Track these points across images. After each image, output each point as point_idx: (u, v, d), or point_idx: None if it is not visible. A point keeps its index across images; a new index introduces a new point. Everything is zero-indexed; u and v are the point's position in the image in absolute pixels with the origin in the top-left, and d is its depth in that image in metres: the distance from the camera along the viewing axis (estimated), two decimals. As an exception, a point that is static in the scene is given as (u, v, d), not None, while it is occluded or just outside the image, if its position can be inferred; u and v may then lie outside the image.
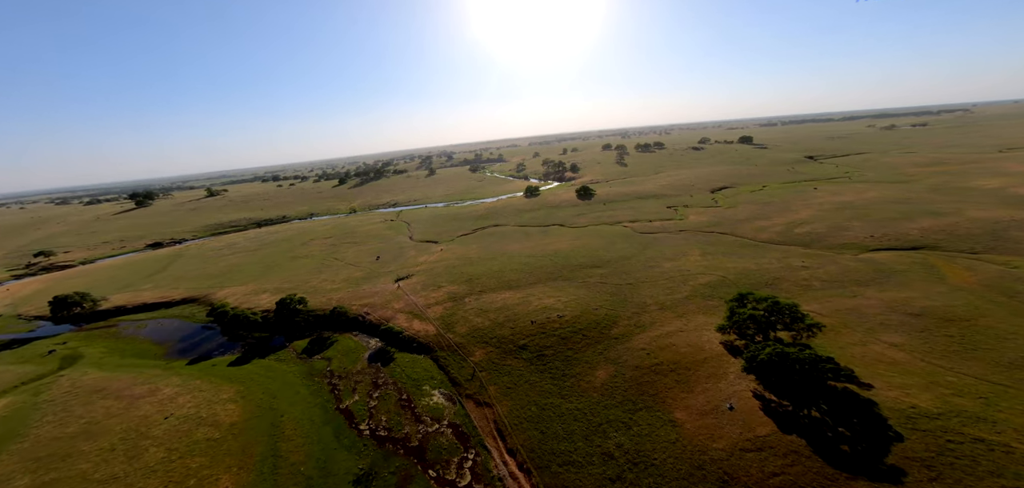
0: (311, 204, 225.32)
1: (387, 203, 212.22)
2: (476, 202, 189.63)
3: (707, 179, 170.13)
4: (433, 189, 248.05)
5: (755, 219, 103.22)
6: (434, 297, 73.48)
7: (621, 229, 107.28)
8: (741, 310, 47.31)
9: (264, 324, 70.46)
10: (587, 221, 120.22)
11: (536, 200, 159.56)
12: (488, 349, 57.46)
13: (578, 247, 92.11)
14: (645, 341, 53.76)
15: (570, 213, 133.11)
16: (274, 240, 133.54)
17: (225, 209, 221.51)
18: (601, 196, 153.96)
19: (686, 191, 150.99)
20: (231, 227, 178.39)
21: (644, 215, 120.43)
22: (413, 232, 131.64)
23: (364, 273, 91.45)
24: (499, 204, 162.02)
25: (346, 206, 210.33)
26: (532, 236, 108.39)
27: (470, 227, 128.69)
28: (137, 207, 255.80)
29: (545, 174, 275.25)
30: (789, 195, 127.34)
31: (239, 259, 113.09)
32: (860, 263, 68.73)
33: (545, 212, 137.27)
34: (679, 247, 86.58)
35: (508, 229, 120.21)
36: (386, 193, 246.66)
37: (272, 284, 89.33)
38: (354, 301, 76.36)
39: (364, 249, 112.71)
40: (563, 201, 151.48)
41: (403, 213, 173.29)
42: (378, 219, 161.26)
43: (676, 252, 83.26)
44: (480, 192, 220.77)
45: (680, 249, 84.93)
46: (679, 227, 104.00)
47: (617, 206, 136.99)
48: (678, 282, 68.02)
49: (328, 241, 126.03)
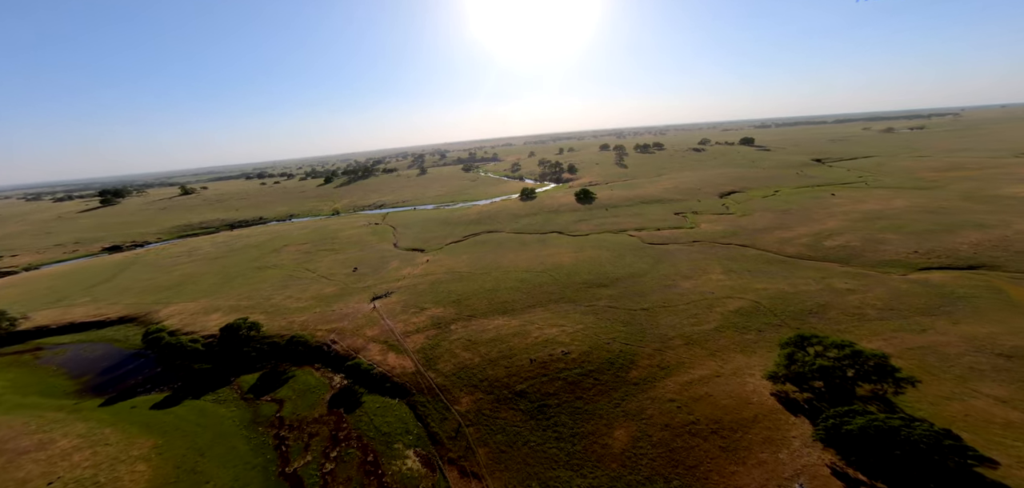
0: (292, 204, 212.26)
1: (373, 204, 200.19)
2: (468, 205, 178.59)
3: (713, 182, 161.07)
4: (424, 189, 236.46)
5: (775, 229, 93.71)
6: (415, 322, 62.43)
7: (627, 239, 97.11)
8: (803, 357, 37.15)
9: (207, 353, 58.85)
10: (589, 229, 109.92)
11: (533, 203, 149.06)
12: (477, 395, 46.68)
13: (582, 261, 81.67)
14: (673, 388, 43.41)
15: (570, 219, 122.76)
16: (242, 246, 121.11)
17: (198, 209, 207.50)
18: (602, 200, 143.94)
19: (693, 195, 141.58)
20: (201, 229, 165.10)
21: (651, 222, 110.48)
22: (398, 238, 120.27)
23: (337, 288, 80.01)
24: (493, 207, 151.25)
25: (329, 207, 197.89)
26: (529, 246, 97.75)
27: (461, 234, 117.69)
28: (103, 206, 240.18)
29: (541, 175, 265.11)
30: (807, 201, 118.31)
31: (197, 268, 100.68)
32: (914, 285, 59.12)
33: (543, 218, 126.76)
34: (696, 262, 76.54)
35: (503, 237, 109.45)
36: (374, 193, 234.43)
37: (228, 300, 77.48)
38: (321, 325, 64.98)
39: (341, 258, 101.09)
40: (562, 205, 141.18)
41: (390, 216, 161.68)
42: (362, 222, 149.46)
43: (694, 268, 73.18)
44: (473, 193, 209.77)
45: (698, 265, 74.89)
46: (692, 237, 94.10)
47: (620, 212, 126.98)
48: (703, 308, 57.81)
49: (303, 248, 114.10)
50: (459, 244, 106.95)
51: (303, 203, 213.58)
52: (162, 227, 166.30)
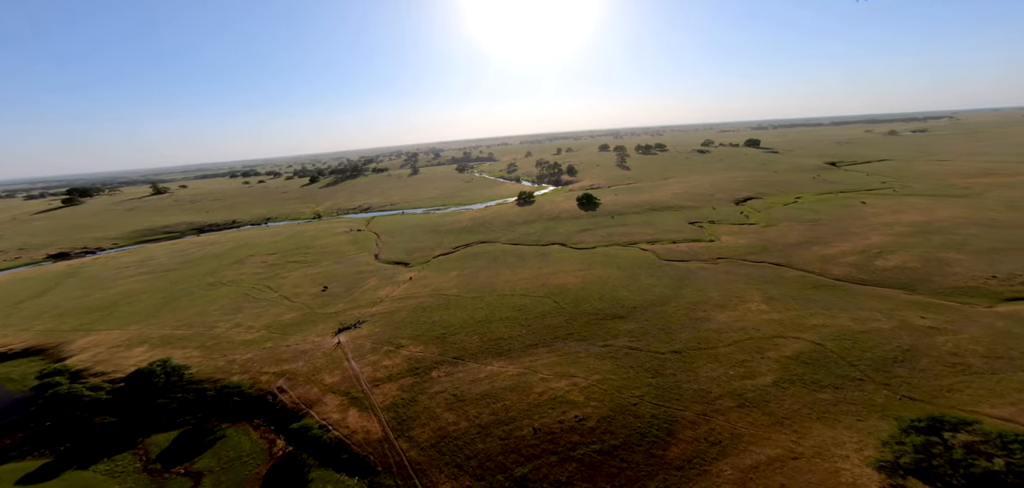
0: (271, 206, 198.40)
1: (359, 207, 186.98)
2: (461, 209, 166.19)
3: (726, 187, 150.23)
4: (414, 191, 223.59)
5: (811, 244, 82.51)
6: (388, 365, 50.05)
7: (640, 254, 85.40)
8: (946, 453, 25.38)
9: (114, 403, 45.96)
10: (595, 240, 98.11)
11: (531, 209, 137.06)
12: (464, 481, 34.47)
13: (590, 282, 69.72)
14: (733, 477, 31.63)
15: (573, 228, 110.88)
16: (202, 256, 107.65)
17: (167, 210, 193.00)
18: (607, 206, 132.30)
19: (706, 202, 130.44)
20: (164, 233, 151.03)
21: (664, 233, 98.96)
22: (381, 249, 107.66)
23: (299, 314, 67.32)
24: (488, 213, 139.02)
25: (311, 209, 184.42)
26: (528, 261, 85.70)
27: (451, 243, 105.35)
28: (65, 206, 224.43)
29: (539, 177, 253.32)
30: (836, 210, 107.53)
31: (141, 284, 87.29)
32: (1013, 323, 47.82)
33: (542, 226, 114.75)
34: (727, 285, 64.92)
35: (498, 249, 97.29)
36: (361, 195, 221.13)
37: (163, 328, 64.49)
38: (268, 366, 52.32)
39: (311, 274, 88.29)
40: (563, 211, 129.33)
41: (375, 221, 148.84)
42: (342, 228, 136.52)
43: (726, 294, 61.53)
44: (467, 196, 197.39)
45: (730, 290, 63.27)
46: (714, 253, 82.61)
47: (629, 220, 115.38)
48: (751, 351, 46.09)
49: (269, 259, 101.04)
50: (449, 257, 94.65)
51: (283, 205, 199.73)
52: (122, 231, 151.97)
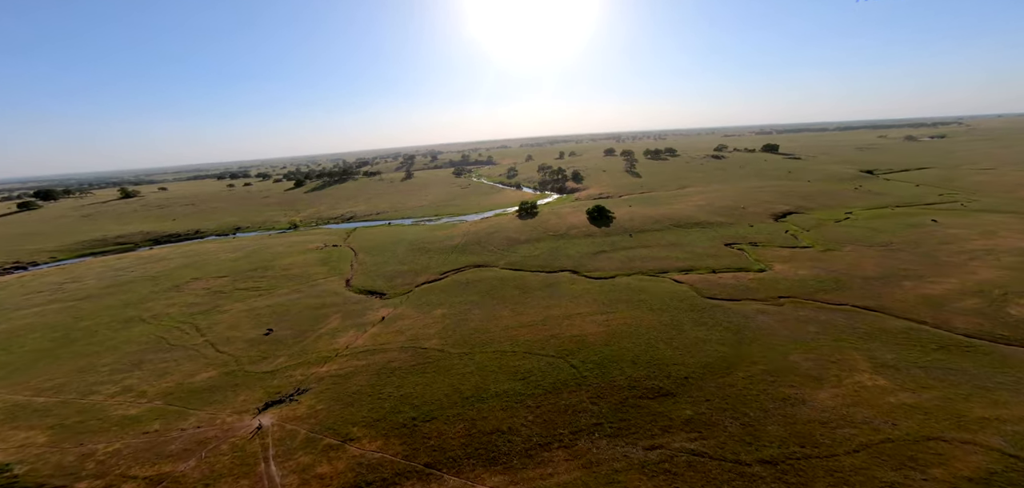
0: (245, 214, 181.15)
1: (341, 216, 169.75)
2: (455, 220, 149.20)
3: (756, 199, 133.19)
4: (406, 198, 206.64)
5: (898, 277, 65.23)
6: (323, 476, 32.70)
7: (675, 288, 68.13)
8: None
9: None
10: (614, 266, 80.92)
11: (534, 223, 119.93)
12: None
13: (617, 332, 52.47)
14: None
15: (585, 249, 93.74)
16: (136, 277, 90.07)
17: (128, 217, 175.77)
18: (623, 221, 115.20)
19: (738, 217, 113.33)
20: (115, 244, 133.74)
21: (699, 258, 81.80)
22: (355, 272, 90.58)
23: (219, 372, 49.96)
24: (485, 226, 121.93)
25: (288, 218, 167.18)
26: (532, 295, 68.48)
27: (439, 267, 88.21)
28: (20, 211, 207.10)
29: (541, 183, 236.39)
30: (905, 231, 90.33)
31: (38, 318, 69.78)
32: None
33: (549, 246, 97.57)
34: (810, 342, 47.65)
35: (495, 276, 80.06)
36: (347, 201, 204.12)
37: (23, 390, 47.13)
38: (141, 466, 34.93)
39: (260, 308, 70.99)
40: (572, 227, 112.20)
41: (356, 234, 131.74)
42: (316, 243, 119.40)
43: (816, 357, 44.27)
44: (462, 204, 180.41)
45: (818, 349, 46.01)
46: (773, 288, 65.36)
47: (651, 239, 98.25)
48: (900, 469, 28.71)
49: (215, 284, 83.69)
50: (435, 286, 77.45)
51: (259, 212, 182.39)
52: (66, 242, 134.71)
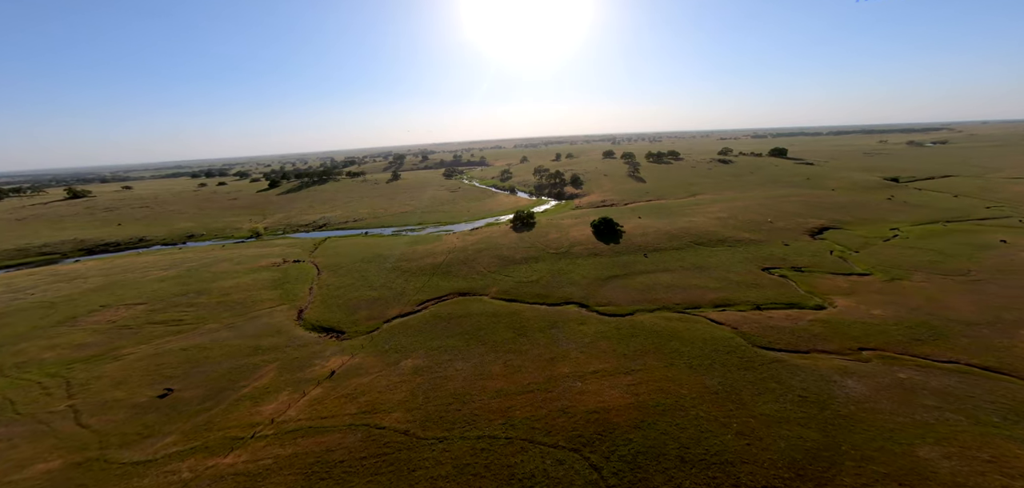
0: (202, 219, 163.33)
1: (312, 223, 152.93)
2: (441, 230, 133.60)
3: (781, 210, 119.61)
4: (388, 202, 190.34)
5: (1009, 322, 51.04)
6: None
7: (713, 330, 53.34)
8: None
9: None
10: (632, 299, 65.99)
11: (531, 236, 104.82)
12: None
13: (649, 405, 37.31)
14: None
15: (593, 272, 78.83)
16: (21, 306, 72.09)
17: (64, 222, 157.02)
18: (633, 236, 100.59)
19: (767, 232, 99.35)
20: (39, 254, 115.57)
21: (735, 289, 67.22)
22: (312, 297, 74.70)
23: (65, 461, 33.71)
24: (474, 239, 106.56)
25: (250, 225, 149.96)
26: (531, 340, 53.24)
27: (415, 294, 72.64)
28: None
29: (538, 187, 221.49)
30: (974, 253, 76.61)
31: None
32: None
33: (549, 268, 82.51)
34: (936, 425, 32.83)
35: (483, 308, 64.69)
36: (322, 206, 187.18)
37: None
38: None
39: (167, 352, 54.63)
40: (575, 242, 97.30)
41: (325, 245, 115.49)
42: (275, 256, 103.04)
43: (958, 454, 29.35)
44: (451, 211, 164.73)
45: (956, 440, 31.14)
46: (844, 335, 50.82)
47: (670, 260, 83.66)
48: None
49: (127, 314, 67.03)
50: (408, 321, 61.89)
51: (220, 217, 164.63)
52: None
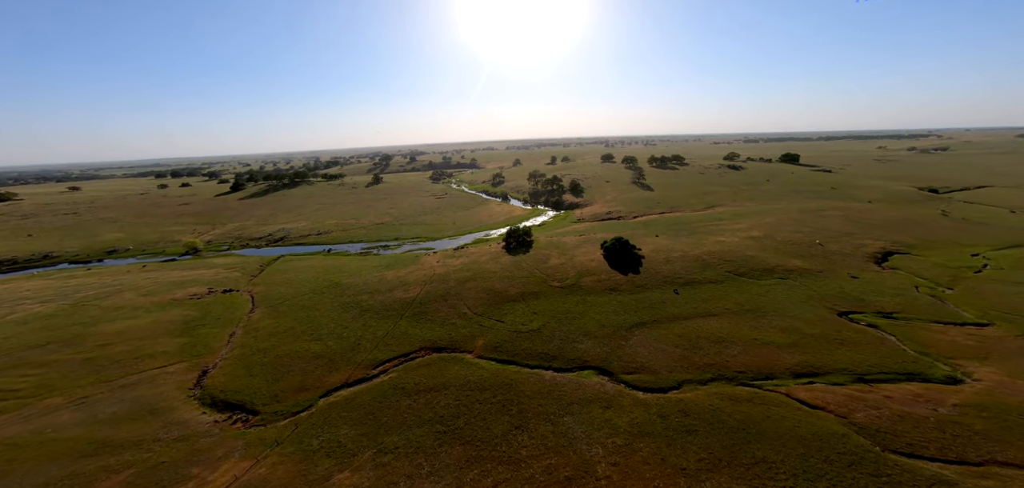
0: (136, 229, 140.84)
1: (268, 236, 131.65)
2: (419, 247, 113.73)
3: (822, 227, 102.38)
4: (363, 210, 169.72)
5: None
6: None
7: (809, 422, 34.45)
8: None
9: None
10: (671, 363, 47.10)
11: (528, 261, 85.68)
12: None
13: None
14: None
15: (612, 318, 59.77)
16: None
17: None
18: (656, 261, 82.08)
19: (820, 257, 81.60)
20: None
21: (815, 347, 48.71)
22: (228, 350, 54.33)
23: None
24: (457, 265, 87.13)
25: (194, 237, 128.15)
26: (534, 437, 33.91)
27: (373, 348, 52.79)
28: None
29: (533, 194, 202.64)
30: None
31: None
32: None
33: (552, 310, 63.28)
34: None
35: (465, 377, 45.11)
36: (285, 214, 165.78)
37: None
38: None
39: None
40: (584, 271, 78.37)
41: (273, 268, 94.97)
42: (201, 283, 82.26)
43: None
44: (434, 222, 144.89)
45: None
46: (1010, 439, 32.42)
47: (711, 298, 65.11)
48: None
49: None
50: (357, 399, 41.91)
51: (159, 227, 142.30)
52: None
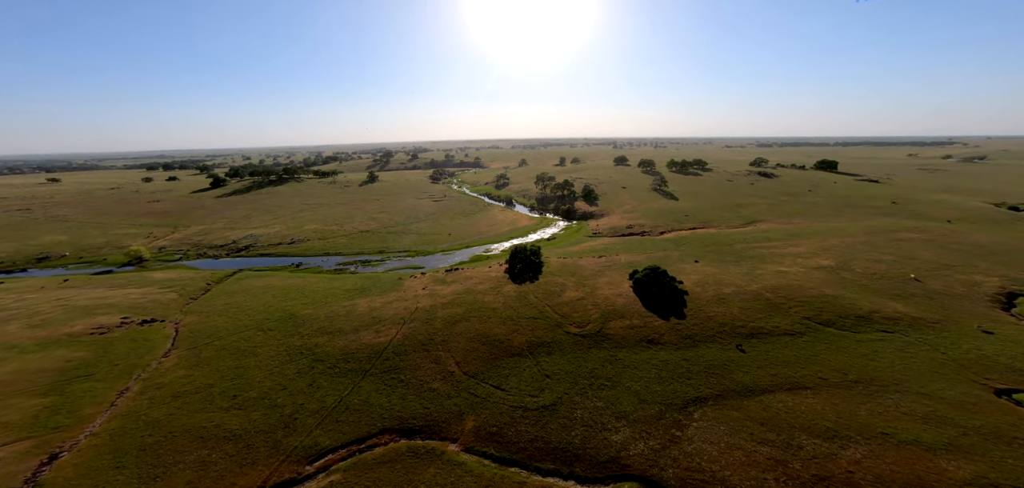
0: (85, 231, 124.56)
1: (230, 245, 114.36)
2: (404, 266, 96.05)
3: (907, 254, 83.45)
4: (351, 213, 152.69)
5: None
6: None
7: None
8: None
9: None
10: (758, 476, 28.89)
11: (536, 293, 67.57)
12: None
13: None
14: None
15: (653, 386, 41.43)
16: None
17: None
18: (703, 300, 63.65)
19: (922, 299, 62.76)
20: None
21: (1001, 462, 29.99)
22: (102, 421, 36.46)
23: None
24: (447, 296, 69.35)
25: (146, 242, 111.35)
26: None
27: (314, 428, 34.96)
28: None
29: (541, 199, 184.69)
30: None
31: None
32: None
33: (570, 371, 45.08)
34: None
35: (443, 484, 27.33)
36: (260, 216, 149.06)
37: None
38: None
39: None
40: (609, 310, 60.16)
41: (222, 288, 77.84)
42: (118, 309, 65.13)
43: None
44: (428, 232, 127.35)
45: None
46: None
47: (794, 359, 46.69)
48: None
49: None
50: None
51: (109, 229, 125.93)
52: None
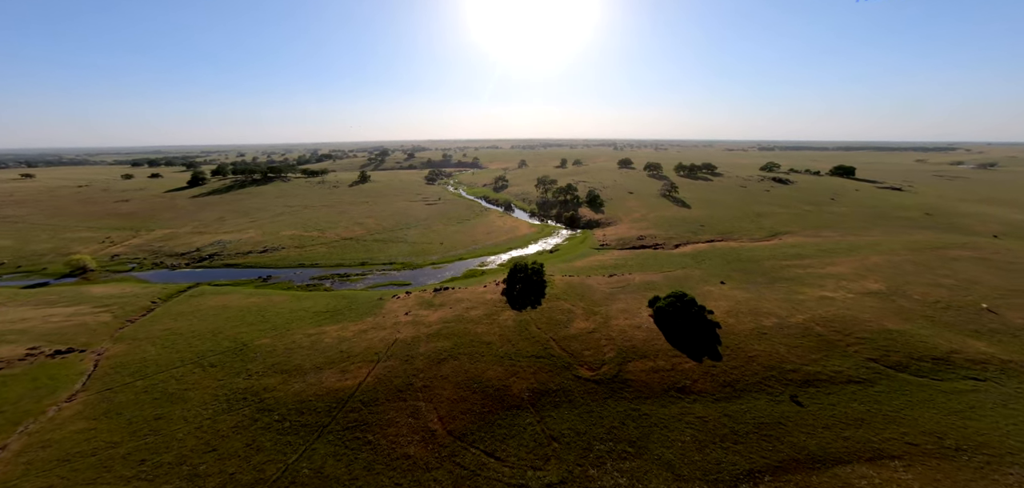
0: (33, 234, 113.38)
1: (194, 253, 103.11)
2: (387, 282, 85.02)
3: (963, 277, 72.83)
4: (335, 217, 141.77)
5: None
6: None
7: None
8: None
9: None
10: None
11: (539, 321, 56.71)
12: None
13: None
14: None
15: (691, 454, 30.66)
16: None
17: None
18: (739, 333, 52.88)
19: (1003, 334, 52.00)
20: None
21: None
22: None
23: None
24: (434, 324, 58.59)
25: (97, 249, 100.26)
26: None
27: None
28: None
29: (542, 204, 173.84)
30: None
31: None
32: None
33: (584, 433, 34.70)
34: None
35: None
36: (239, 217, 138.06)
37: None
38: None
39: None
40: (628, 347, 49.31)
41: (171, 306, 66.91)
42: (29, 338, 54.04)
43: None
44: (418, 240, 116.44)
45: None
46: None
47: (874, 422, 36.33)
48: None
49: None
50: None
51: (60, 233, 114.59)
52: None
